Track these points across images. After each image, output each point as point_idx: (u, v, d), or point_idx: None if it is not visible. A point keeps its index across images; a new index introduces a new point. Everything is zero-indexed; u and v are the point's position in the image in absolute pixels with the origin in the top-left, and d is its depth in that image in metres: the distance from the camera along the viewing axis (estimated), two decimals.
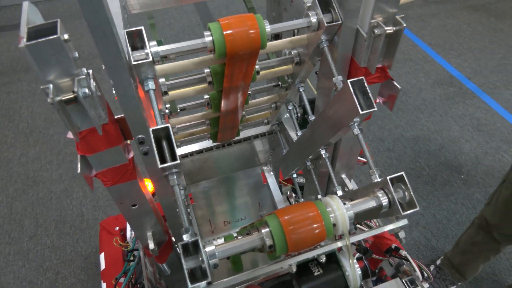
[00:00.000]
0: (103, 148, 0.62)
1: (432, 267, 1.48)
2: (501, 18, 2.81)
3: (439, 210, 1.76)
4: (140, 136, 0.64)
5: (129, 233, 1.02)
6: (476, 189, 1.83)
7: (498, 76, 2.37)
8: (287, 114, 1.08)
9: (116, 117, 0.63)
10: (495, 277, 1.54)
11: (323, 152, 0.80)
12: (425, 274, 0.86)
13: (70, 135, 0.59)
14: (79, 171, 0.61)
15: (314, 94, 0.88)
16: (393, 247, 0.91)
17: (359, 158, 1.08)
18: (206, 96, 0.82)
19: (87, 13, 0.47)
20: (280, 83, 0.87)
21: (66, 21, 2.95)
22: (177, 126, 0.92)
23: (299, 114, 0.93)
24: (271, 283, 0.73)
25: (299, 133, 0.92)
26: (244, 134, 1.17)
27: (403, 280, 0.83)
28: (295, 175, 1.04)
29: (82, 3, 0.46)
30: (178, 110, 0.83)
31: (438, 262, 1.48)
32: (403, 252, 0.87)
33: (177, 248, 0.90)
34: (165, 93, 0.71)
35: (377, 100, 0.76)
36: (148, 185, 0.82)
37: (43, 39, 0.47)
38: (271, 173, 1.41)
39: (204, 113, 0.88)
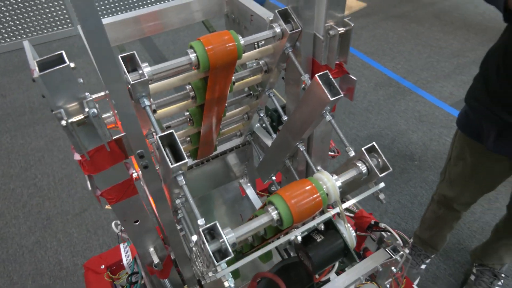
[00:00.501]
0: (108, 165, 0.67)
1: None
2: (421, 23, 3.18)
3: (402, 195, 1.93)
4: (139, 151, 0.70)
5: (125, 260, 1.04)
6: (430, 172, 2.02)
7: (428, 73, 2.67)
8: (258, 124, 1.18)
9: (114, 137, 0.69)
10: (461, 245, 1.70)
11: (300, 146, 0.90)
12: (405, 241, 0.97)
13: (77, 156, 0.64)
14: (90, 188, 0.65)
15: (282, 102, 0.99)
16: (372, 223, 1.01)
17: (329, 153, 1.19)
18: (187, 113, 0.90)
19: (91, 41, 0.54)
20: (251, 92, 0.97)
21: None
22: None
23: (272, 118, 1.03)
24: (276, 268, 0.79)
25: (274, 135, 1.02)
26: (220, 149, 1.24)
27: (387, 249, 0.93)
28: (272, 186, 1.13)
29: (87, 33, 0.53)
30: (165, 128, 0.89)
31: (411, 241, 1.62)
32: (382, 225, 0.98)
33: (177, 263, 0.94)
34: (154, 111, 0.77)
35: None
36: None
37: (55, 68, 0.53)
38: (248, 184, 1.48)
39: (186, 130, 0.96)
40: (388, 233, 0.98)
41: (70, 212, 1.97)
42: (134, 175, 0.81)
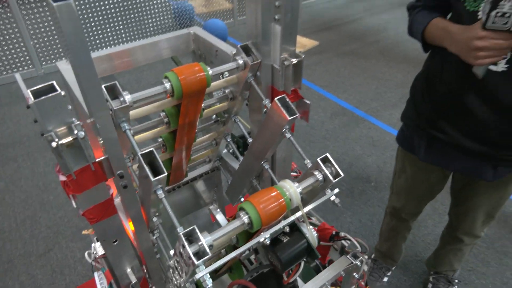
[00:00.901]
0: (91, 185, 0.73)
1: (369, 262, 1.71)
2: (368, 59, 3.50)
3: (363, 215, 2.06)
4: (120, 171, 0.76)
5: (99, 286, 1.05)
6: (385, 192, 2.18)
7: (377, 102, 2.92)
8: (226, 150, 1.28)
9: (98, 159, 0.76)
10: (417, 257, 1.83)
11: (265, 165, 1.00)
12: (364, 248, 1.07)
13: (62, 177, 0.70)
14: (75, 206, 0.70)
15: (247, 127, 1.10)
16: (334, 233, 1.11)
17: (291, 173, 1.30)
18: (160, 139, 0.97)
19: (80, 73, 0.62)
20: (218, 118, 1.07)
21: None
22: (136, 173, 1.04)
23: (238, 143, 1.13)
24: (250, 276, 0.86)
25: (241, 159, 1.11)
26: (190, 175, 1.31)
27: (348, 256, 1.03)
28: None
29: (76, 67, 0.61)
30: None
31: (372, 256, 1.72)
32: (343, 234, 1.08)
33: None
34: (132, 136, 0.85)
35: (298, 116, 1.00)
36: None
37: (48, 96, 0.60)
38: (218, 210, 1.55)
39: (159, 156, 1.03)
40: (349, 242, 1.08)
41: (34, 253, 1.91)
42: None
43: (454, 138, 0.99)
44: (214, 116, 1.08)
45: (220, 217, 1.58)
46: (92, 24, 3.32)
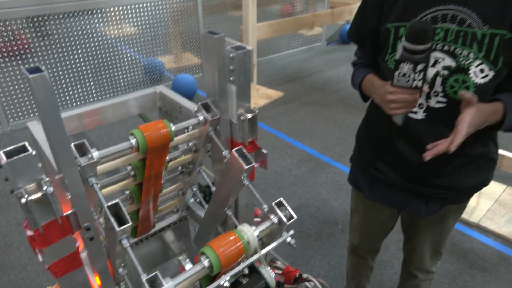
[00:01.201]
0: (58, 239, 0.76)
1: None
2: (329, 107, 3.73)
3: (331, 258, 2.10)
4: (86, 224, 0.80)
5: None
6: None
7: (340, 148, 3.08)
8: (193, 199, 1.33)
9: (65, 213, 0.80)
10: None
11: (228, 211, 1.06)
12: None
13: (29, 232, 0.73)
14: (41, 260, 0.73)
15: (211, 177, 1.17)
16: (297, 275, 1.16)
17: (255, 219, 1.36)
18: (127, 191, 1.02)
19: (50, 132, 0.68)
20: (183, 169, 1.13)
21: None
22: (102, 225, 1.06)
23: (205, 192, 1.19)
24: None
25: (206, 206, 1.16)
26: (158, 226, 1.34)
27: None
28: None
29: (47, 127, 0.68)
30: None
31: None
32: (305, 275, 1.13)
33: None
34: (99, 190, 0.89)
35: (255, 165, 1.09)
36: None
37: (20, 156, 0.66)
38: (187, 260, 1.55)
39: (126, 208, 1.07)
40: (312, 283, 1.13)
41: None
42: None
43: (389, 177, 1.10)
44: (180, 167, 1.15)
45: (189, 267, 1.58)
46: (63, 82, 3.40)
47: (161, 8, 3.71)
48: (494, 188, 2.44)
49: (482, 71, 0.89)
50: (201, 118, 0.95)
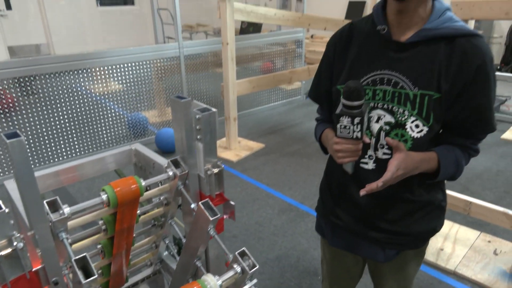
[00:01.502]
0: None
1: None
2: (310, 158, 3.84)
3: None
4: (55, 278, 0.83)
5: None
6: None
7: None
8: (166, 252, 1.36)
9: (34, 268, 0.83)
10: None
11: (198, 263, 1.09)
12: None
13: None
14: None
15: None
16: None
17: None
18: (99, 246, 1.06)
19: (24, 191, 0.74)
20: (156, 222, 1.18)
21: None
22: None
23: (179, 245, 1.22)
24: None
25: (178, 258, 1.19)
26: (132, 280, 1.35)
27: None
28: None
29: (21, 186, 0.74)
30: None
31: None
32: None
33: None
34: (70, 244, 0.93)
35: (225, 216, 1.14)
36: None
37: None
38: None
39: (98, 262, 1.09)
40: None
41: None
42: None
43: (348, 224, 1.17)
44: (153, 220, 1.20)
45: None
46: (46, 138, 3.46)
47: (146, 66, 3.91)
48: (468, 234, 2.50)
49: (417, 126, 1.00)
50: (171, 173, 1.02)
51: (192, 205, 1.02)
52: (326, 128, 1.19)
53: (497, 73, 5.57)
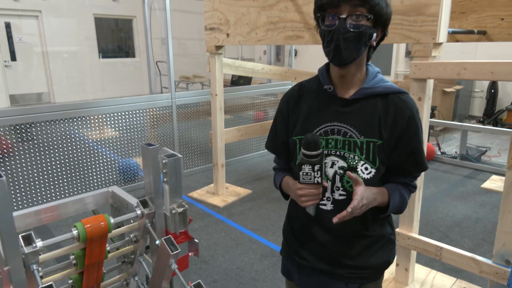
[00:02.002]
0: None
1: None
2: None
3: None
4: None
5: None
6: None
7: None
8: None
9: None
10: None
11: None
12: None
13: None
14: None
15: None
16: None
17: None
18: (70, 281, 1.14)
19: (2, 227, 0.85)
20: (125, 259, 1.26)
21: None
22: None
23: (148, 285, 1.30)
24: None
25: None
26: None
27: None
28: None
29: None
30: None
31: None
32: None
33: None
34: (41, 277, 1.02)
35: (190, 254, 1.23)
36: None
37: None
38: None
39: None
40: None
41: None
42: None
43: (312, 263, 1.25)
44: (123, 257, 1.28)
45: None
46: (38, 181, 3.56)
47: (140, 115, 4.11)
48: (444, 280, 2.54)
49: (366, 168, 1.15)
50: (139, 212, 1.13)
51: (157, 242, 1.12)
52: (285, 176, 1.31)
53: (480, 125, 5.82)
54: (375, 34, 1.11)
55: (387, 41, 2.25)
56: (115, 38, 9.85)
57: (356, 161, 1.15)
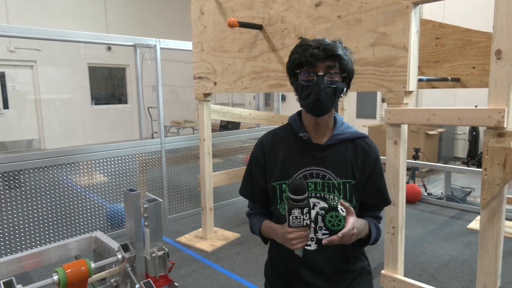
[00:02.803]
0: None
1: None
2: None
3: None
4: None
5: None
6: None
7: None
8: None
9: None
10: None
11: None
12: None
13: None
14: None
15: None
16: None
17: None
18: None
19: None
20: None
21: None
22: None
23: None
24: None
25: None
26: None
27: None
28: None
29: None
30: None
31: None
32: None
33: None
34: None
35: None
36: None
37: None
38: None
39: None
40: None
41: None
42: None
43: None
44: None
45: None
46: (24, 227, 3.52)
47: (130, 160, 4.17)
48: None
49: None
50: (119, 256, 1.17)
51: (137, 286, 1.15)
52: (264, 221, 1.36)
53: (464, 166, 5.97)
54: (344, 88, 1.23)
55: (363, 90, 2.42)
56: (108, 85, 10.12)
57: (336, 201, 1.24)
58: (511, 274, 3.18)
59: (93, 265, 1.07)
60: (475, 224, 4.30)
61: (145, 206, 1.14)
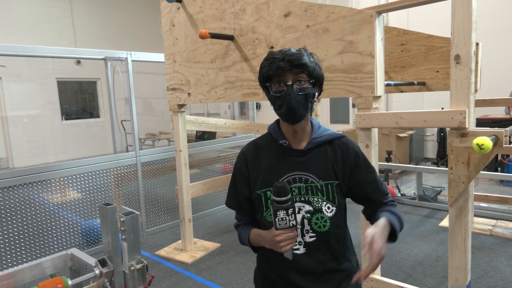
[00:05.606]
0: None
1: None
2: None
3: None
4: None
5: None
6: None
7: None
8: None
9: None
10: None
11: None
12: None
13: None
14: None
15: None
16: None
17: None
18: None
19: None
20: None
21: None
22: None
23: None
24: None
25: None
26: None
27: None
28: None
29: None
30: None
31: None
32: None
33: None
34: None
35: None
36: None
37: None
38: None
39: None
40: None
41: None
42: None
43: None
44: None
45: None
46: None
47: (104, 175, 4.09)
48: None
49: (329, 208, 1.29)
50: (97, 271, 1.16)
51: None
52: (252, 230, 1.38)
53: (434, 167, 6.19)
54: (316, 93, 1.28)
55: (333, 96, 2.50)
56: (79, 100, 9.90)
57: (320, 203, 1.28)
58: (482, 269, 3.32)
59: (70, 282, 1.06)
60: (446, 222, 4.46)
61: (121, 219, 1.14)
